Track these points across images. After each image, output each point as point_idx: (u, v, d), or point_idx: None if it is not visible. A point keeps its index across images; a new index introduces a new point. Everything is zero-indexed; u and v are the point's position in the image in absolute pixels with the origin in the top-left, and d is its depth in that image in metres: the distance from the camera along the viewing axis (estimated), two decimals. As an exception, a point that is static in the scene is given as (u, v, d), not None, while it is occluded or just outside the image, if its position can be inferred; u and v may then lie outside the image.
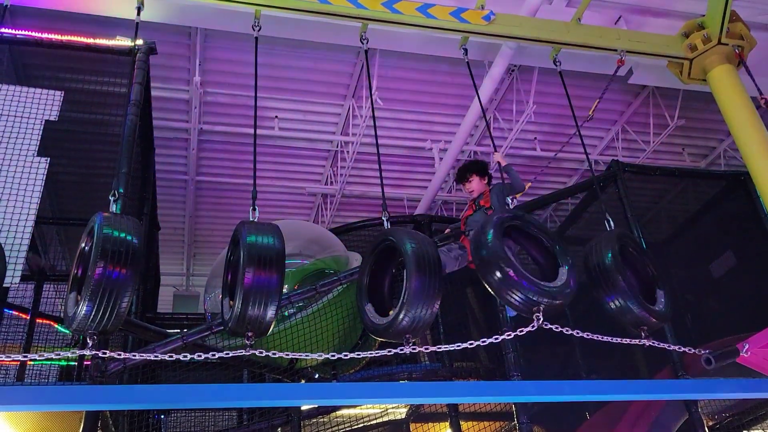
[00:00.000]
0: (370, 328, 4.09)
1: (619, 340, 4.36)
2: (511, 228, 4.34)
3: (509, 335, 4.10)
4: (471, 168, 5.80)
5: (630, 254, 4.69)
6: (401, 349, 3.88)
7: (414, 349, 3.91)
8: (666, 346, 4.44)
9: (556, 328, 4.06)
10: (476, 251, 4.13)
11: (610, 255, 4.44)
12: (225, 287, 4.01)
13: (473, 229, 4.93)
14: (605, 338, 4.35)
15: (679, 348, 4.68)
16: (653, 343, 4.33)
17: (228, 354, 3.85)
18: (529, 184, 9.34)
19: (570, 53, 6.87)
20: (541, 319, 3.93)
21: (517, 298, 3.96)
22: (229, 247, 4.09)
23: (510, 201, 4.68)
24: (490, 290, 4.10)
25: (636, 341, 4.35)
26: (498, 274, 3.96)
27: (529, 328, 4.03)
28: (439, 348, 4.17)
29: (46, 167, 4.98)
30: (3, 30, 5.56)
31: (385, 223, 4.49)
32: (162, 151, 8.93)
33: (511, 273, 3.93)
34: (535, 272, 4.32)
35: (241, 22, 6.37)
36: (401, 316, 3.82)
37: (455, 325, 7.22)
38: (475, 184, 5.72)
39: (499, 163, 5.56)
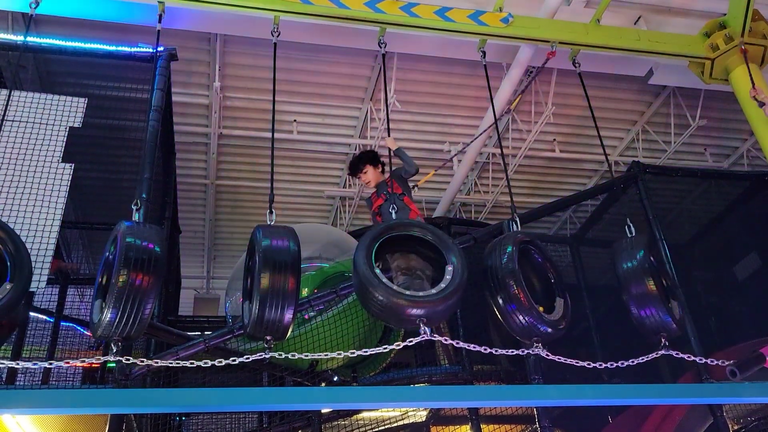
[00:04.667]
0: (381, 291, 3.84)
1: (633, 361, 4.35)
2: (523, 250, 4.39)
3: (533, 350, 4.08)
4: (363, 158, 5.63)
5: (652, 262, 4.68)
6: (422, 338, 3.81)
7: (433, 336, 3.86)
8: (686, 357, 4.41)
9: (555, 357, 4.11)
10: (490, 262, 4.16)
11: (639, 258, 4.45)
12: (245, 291, 4.04)
13: (393, 214, 4.83)
14: (621, 364, 4.34)
15: (700, 359, 4.64)
16: (675, 353, 4.32)
17: (248, 358, 3.86)
18: (433, 172, 9.32)
19: (589, 54, 6.82)
20: (540, 348, 4.00)
21: (518, 323, 4.01)
22: (247, 254, 4.12)
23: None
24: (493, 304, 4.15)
25: (654, 355, 4.35)
26: (507, 295, 4.03)
27: (528, 351, 4.09)
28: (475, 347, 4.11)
29: (71, 173, 5.07)
30: (28, 38, 5.65)
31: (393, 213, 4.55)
32: (182, 155, 9.01)
33: (523, 298, 3.99)
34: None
35: (260, 28, 6.41)
36: (440, 298, 3.83)
37: (475, 328, 7.20)
38: (371, 175, 5.57)
39: (389, 149, 5.43)
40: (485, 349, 4.01)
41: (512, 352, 4.25)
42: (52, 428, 5.25)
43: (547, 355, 4.03)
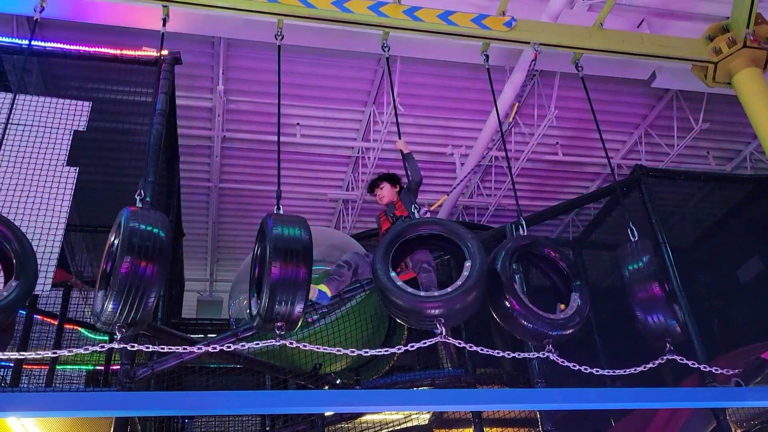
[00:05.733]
0: (398, 295, 3.88)
1: (642, 368, 4.37)
2: (524, 252, 4.41)
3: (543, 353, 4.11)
4: (383, 176, 5.73)
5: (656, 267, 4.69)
6: (431, 341, 3.84)
7: (446, 338, 3.88)
8: (691, 363, 4.41)
9: (561, 360, 4.11)
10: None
11: (645, 262, 4.44)
12: (252, 283, 3.98)
13: None
14: (628, 371, 4.37)
15: (704, 367, 4.64)
16: (679, 359, 4.32)
17: (258, 344, 3.85)
18: (445, 197, 9.36)
19: (592, 58, 6.83)
20: (552, 351, 4.01)
21: (525, 329, 4.04)
22: (256, 242, 4.07)
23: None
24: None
25: (658, 361, 4.35)
26: (506, 306, 4.06)
27: (539, 355, 4.09)
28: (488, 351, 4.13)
29: (76, 176, 5.10)
30: (33, 42, 5.67)
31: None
32: (186, 158, 9.04)
33: (518, 307, 4.03)
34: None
35: (264, 32, 6.42)
36: (457, 296, 3.83)
37: (477, 331, 7.20)
38: (386, 191, 5.59)
39: (401, 150, 5.45)
40: (497, 353, 4.03)
41: (520, 355, 4.26)
42: (57, 430, 5.26)
43: (560, 360, 4.03)
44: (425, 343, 3.92)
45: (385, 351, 4.18)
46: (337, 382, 6.43)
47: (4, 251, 3.65)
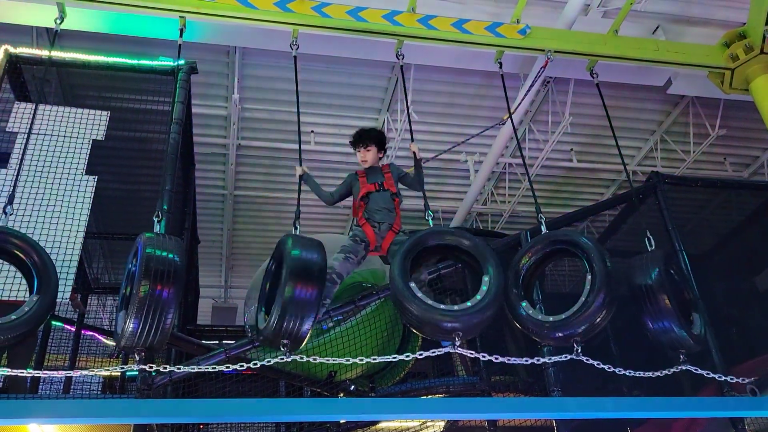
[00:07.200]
0: (416, 307, 3.95)
1: (659, 373, 4.37)
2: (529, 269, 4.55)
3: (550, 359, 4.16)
4: (373, 136, 5.25)
5: (671, 276, 4.67)
6: (446, 350, 3.95)
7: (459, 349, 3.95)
8: (705, 373, 4.42)
9: (598, 363, 4.16)
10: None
11: (654, 275, 4.46)
12: (262, 297, 4.12)
13: (380, 210, 4.83)
14: (646, 374, 4.36)
15: (720, 376, 4.62)
16: (694, 369, 4.31)
17: (270, 361, 3.94)
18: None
19: (607, 65, 6.81)
20: (579, 348, 4.13)
21: (551, 338, 4.21)
22: (271, 258, 4.18)
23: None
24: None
25: (674, 369, 4.36)
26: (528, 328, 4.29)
27: (562, 357, 4.22)
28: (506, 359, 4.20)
29: (94, 185, 5.16)
30: (52, 53, 5.75)
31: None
32: (201, 166, 9.10)
33: (533, 327, 4.23)
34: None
35: (278, 41, 6.48)
36: (476, 312, 3.91)
37: (492, 339, 7.17)
38: (372, 155, 5.18)
39: (415, 153, 5.22)
40: (525, 360, 4.16)
41: (537, 360, 4.30)
42: (75, 436, 5.30)
43: (586, 359, 4.06)
44: (436, 352, 3.97)
45: (393, 358, 4.25)
46: (351, 388, 6.43)
47: (26, 265, 3.74)
